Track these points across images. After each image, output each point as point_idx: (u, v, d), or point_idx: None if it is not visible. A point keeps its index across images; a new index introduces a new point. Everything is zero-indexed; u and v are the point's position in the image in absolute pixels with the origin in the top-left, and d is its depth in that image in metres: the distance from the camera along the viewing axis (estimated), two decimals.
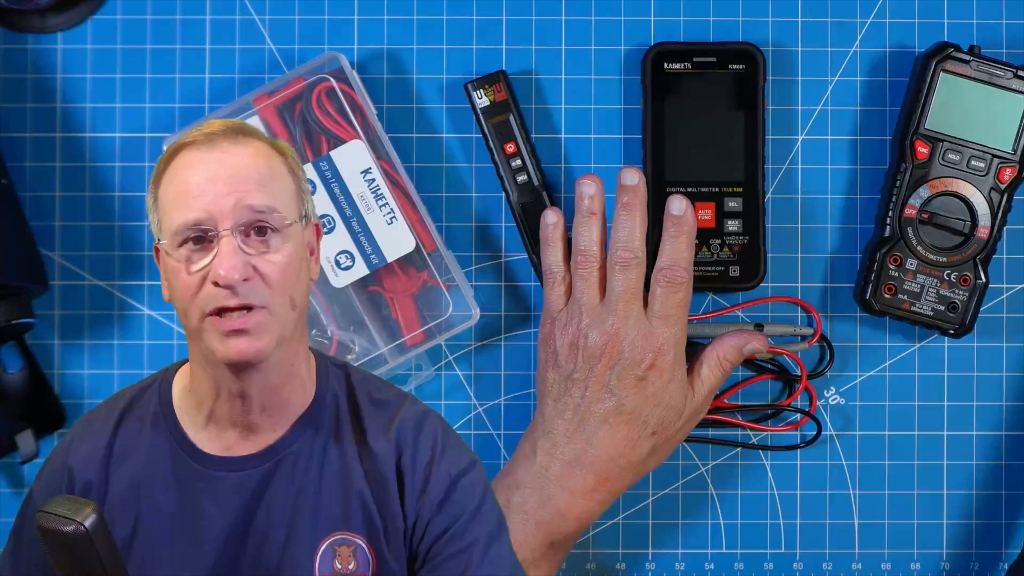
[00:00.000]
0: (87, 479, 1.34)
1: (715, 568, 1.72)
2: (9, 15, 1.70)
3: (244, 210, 1.27)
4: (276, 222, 1.28)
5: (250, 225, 1.27)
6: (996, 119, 1.66)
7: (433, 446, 1.35)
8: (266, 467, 1.32)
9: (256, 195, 1.27)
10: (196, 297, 1.27)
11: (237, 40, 1.71)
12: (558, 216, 1.61)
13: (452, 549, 1.33)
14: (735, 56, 1.69)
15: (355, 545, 1.32)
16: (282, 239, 1.28)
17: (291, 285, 1.29)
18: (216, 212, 1.26)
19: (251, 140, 1.31)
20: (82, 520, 1.18)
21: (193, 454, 1.33)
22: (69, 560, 1.19)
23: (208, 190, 1.26)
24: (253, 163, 1.29)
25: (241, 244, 1.26)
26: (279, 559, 1.32)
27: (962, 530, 1.72)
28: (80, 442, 1.36)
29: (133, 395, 1.38)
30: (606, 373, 1.56)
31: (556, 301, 1.60)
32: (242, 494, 1.32)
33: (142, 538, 1.33)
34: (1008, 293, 1.72)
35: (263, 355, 1.27)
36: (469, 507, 1.34)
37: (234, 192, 1.27)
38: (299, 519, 1.32)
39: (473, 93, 1.68)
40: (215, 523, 1.31)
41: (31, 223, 1.69)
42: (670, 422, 1.58)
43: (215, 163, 1.28)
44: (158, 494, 1.33)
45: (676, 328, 1.58)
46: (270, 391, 1.32)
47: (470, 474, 1.36)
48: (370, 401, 1.37)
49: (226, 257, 1.25)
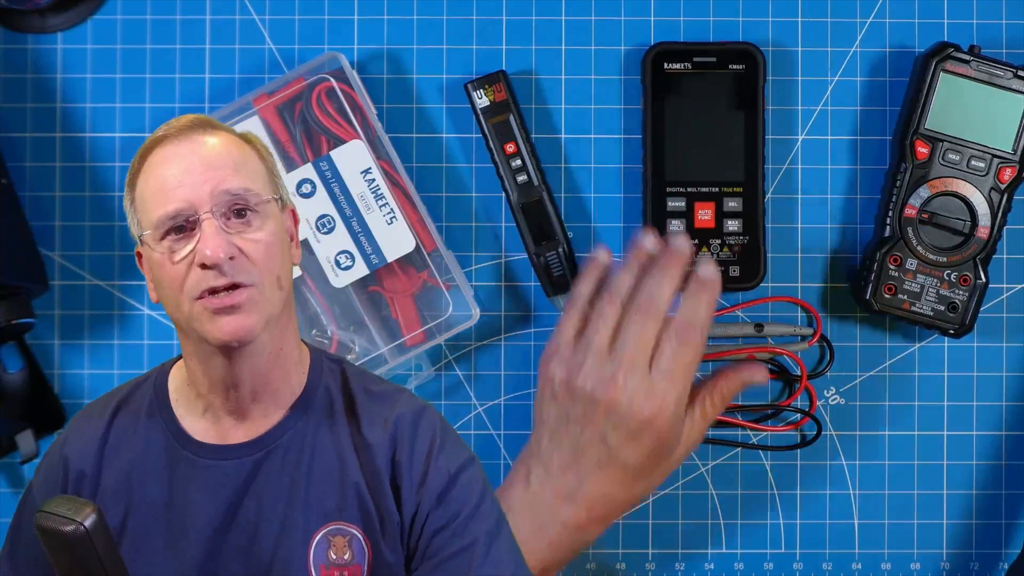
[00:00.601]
0: (80, 468, 1.35)
1: (715, 568, 1.72)
2: (9, 15, 1.70)
3: (221, 194, 1.29)
4: (254, 201, 1.30)
5: (229, 207, 1.30)
6: (996, 119, 1.66)
7: (432, 439, 1.35)
8: (256, 456, 1.33)
9: (232, 179, 1.30)
10: (184, 285, 1.28)
11: (237, 40, 1.71)
12: (608, 259, 1.58)
13: (453, 548, 1.33)
14: (735, 56, 1.69)
15: (350, 535, 1.33)
16: (262, 218, 1.31)
17: (276, 264, 1.31)
18: (195, 199, 1.28)
19: (219, 131, 1.34)
20: (82, 520, 1.18)
21: (186, 444, 1.34)
22: (69, 560, 1.19)
23: (185, 180, 1.29)
24: (226, 150, 1.32)
25: (223, 225, 1.29)
26: (273, 550, 1.32)
27: (962, 530, 1.72)
28: (75, 434, 1.38)
29: (129, 389, 1.40)
30: (603, 421, 1.53)
31: (568, 330, 1.57)
32: (231, 483, 1.33)
33: (132, 528, 1.33)
34: (1008, 293, 1.72)
35: (254, 333, 1.29)
36: (469, 504, 1.34)
37: (210, 180, 1.29)
38: (292, 510, 1.32)
39: (473, 93, 1.68)
40: (203, 512, 1.32)
41: (31, 223, 1.69)
42: (666, 466, 1.57)
43: (189, 154, 1.30)
44: (149, 484, 1.34)
45: (680, 388, 1.53)
46: (260, 377, 1.32)
47: (469, 470, 1.36)
48: (366, 393, 1.37)
49: (210, 238, 1.27)
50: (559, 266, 1.68)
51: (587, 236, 1.71)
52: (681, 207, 1.68)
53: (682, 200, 1.68)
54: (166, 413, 1.36)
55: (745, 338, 1.71)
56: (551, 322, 1.71)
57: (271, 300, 1.30)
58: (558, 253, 1.68)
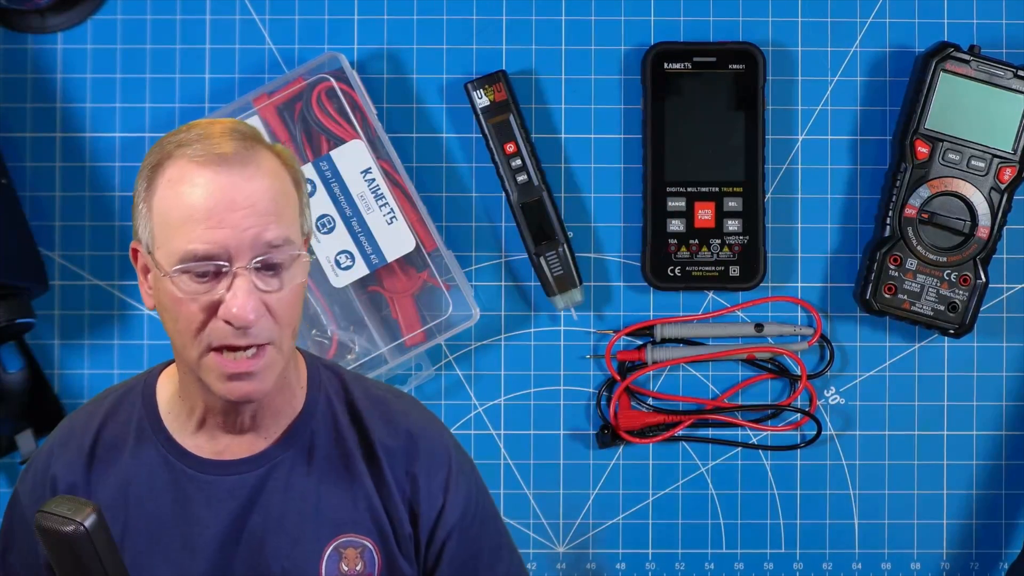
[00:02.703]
0: (71, 481, 1.31)
1: (715, 568, 1.72)
2: (9, 15, 1.70)
3: (262, 246, 1.19)
4: (290, 256, 1.21)
5: (265, 262, 1.20)
6: (996, 119, 1.65)
7: (448, 467, 1.33)
8: (259, 472, 1.30)
9: (274, 228, 1.20)
10: (200, 332, 1.21)
11: (237, 40, 1.71)
12: None
13: (467, 571, 1.33)
14: (735, 56, 1.69)
15: (362, 546, 1.31)
16: (292, 273, 1.22)
17: (297, 316, 1.25)
18: (233, 248, 1.19)
19: (259, 155, 1.22)
20: (82, 520, 1.18)
21: (184, 458, 1.30)
22: (69, 560, 1.19)
23: (225, 220, 1.18)
24: (269, 189, 1.20)
25: (256, 281, 1.20)
26: (282, 564, 1.30)
27: (962, 530, 1.72)
28: (61, 448, 1.33)
29: (114, 401, 1.34)
30: None
31: None
32: (235, 498, 1.29)
33: (131, 545, 1.30)
34: (1008, 293, 1.72)
35: (263, 394, 1.24)
36: (483, 539, 1.34)
37: (253, 226, 1.19)
38: (303, 523, 1.30)
39: (473, 93, 1.68)
40: (208, 528, 1.29)
41: (31, 223, 1.69)
42: None
43: (231, 189, 1.19)
44: (147, 500, 1.30)
45: None
46: (262, 406, 1.29)
47: (479, 496, 1.35)
48: (368, 399, 1.35)
49: (242, 295, 1.18)
50: (559, 266, 1.68)
51: (587, 236, 1.71)
52: (681, 207, 1.68)
53: (682, 200, 1.68)
54: (159, 428, 1.31)
55: (745, 338, 1.71)
56: (551, 322, 1.71)
57: (286, 354, 1.25)
58: (558, 253, 1.68)
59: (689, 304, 1.71)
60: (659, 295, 1.71)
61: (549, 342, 1.71)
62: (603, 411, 1.71)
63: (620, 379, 1.70)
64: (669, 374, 1.72)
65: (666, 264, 1.69)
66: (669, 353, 1.71)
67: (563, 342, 1.71)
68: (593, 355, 1.71)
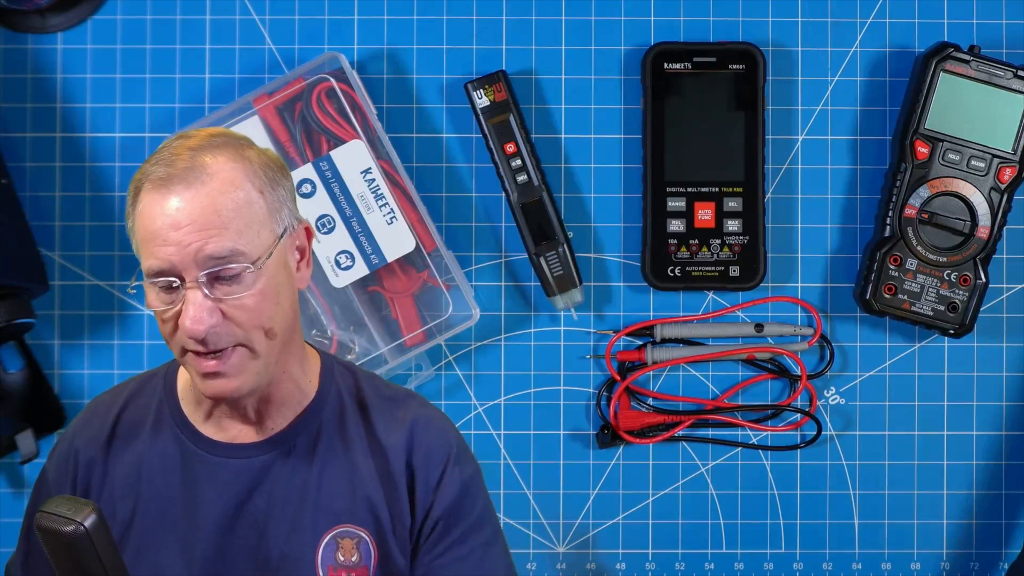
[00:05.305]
0: (90, 456, 1.36)
1: (715, 568, 1.72)
2: (9, 15, 1.70)
3: (205, 260, 1.24)
4: (239, 267, 1.25)
5: (212, 275, 1.25)
6: (996, 119, 1.66)
7: (448, 451, 1.36)
8: (264, 457, 1.34)
9: (217, 241, 1.24)
10: (172, 338, 1.28)
11: (237, 40, 1.71)
12: None
13: (453, 555, 1.34)
14: (735, 56, 1.69)
15: (358, 537, 1.34)
16: (254, 276, 1.26)
17: (265, 318, 1.27)
18: (178, 263, 1.24)
19: (211, 169, 1.26)
20: (82, 520, 1.18)
21: (196, 439, 1.35)
22: (69, 560, 1.19)
23: (170, 238, 1.24)
24: (213, 205, 1.25)
25: (207, 292, 1.24)
26: (281, 548, 1.33)
27: (962, 530, 1.72)
28: (84, 426, 1.38)
29: (139, 383, 1.40)
30: None
31: None
32: (240, 481, 1.33)
33: (141, 521, 1.34)
34: (1008, 293, 1.72)
35: (240, 392, 1.29)
36: (472, 516, 1.35)
37: (195, 241, 1.24)
38: (303, 510, 1.33)
39: (473, 93, 1.68)
40: (212, 507, 1.33)
41: (31, 223, 1.69)
42: None
43: (174, 211, 1.24)
44: (159, 478, 1.34)
45: None
46: (262, 398, 1.33)
47: (475, 482, 1.37)
48: (378, 396, 1.38)
49: (191, 308, 1.24)
50: (559, 266, 1.68)
51: (587, 236, 1.71)
52: (681, 207, 1.68)
53: (682, 200, 1.68)
54: (176, 410, 1.36)
55: (745, 338, 1.71)
56: (551, 322, 1.71)
57: (260, 352, 1.28)
58: (558, 253, 1.68)
59: (689, 304, 1.71)
60: (659, 295, 1.71)
61: (549, 342, 1.71)
62: (603, 411, 1.71)
63: (620, 379, 1.70)
64: (669, 374, 1.72)
65: (666, 264, 1.69)
66: (669, 353, 1.71)
67: (563, 342, 1.71)
68: (593, 355, 1.71)
